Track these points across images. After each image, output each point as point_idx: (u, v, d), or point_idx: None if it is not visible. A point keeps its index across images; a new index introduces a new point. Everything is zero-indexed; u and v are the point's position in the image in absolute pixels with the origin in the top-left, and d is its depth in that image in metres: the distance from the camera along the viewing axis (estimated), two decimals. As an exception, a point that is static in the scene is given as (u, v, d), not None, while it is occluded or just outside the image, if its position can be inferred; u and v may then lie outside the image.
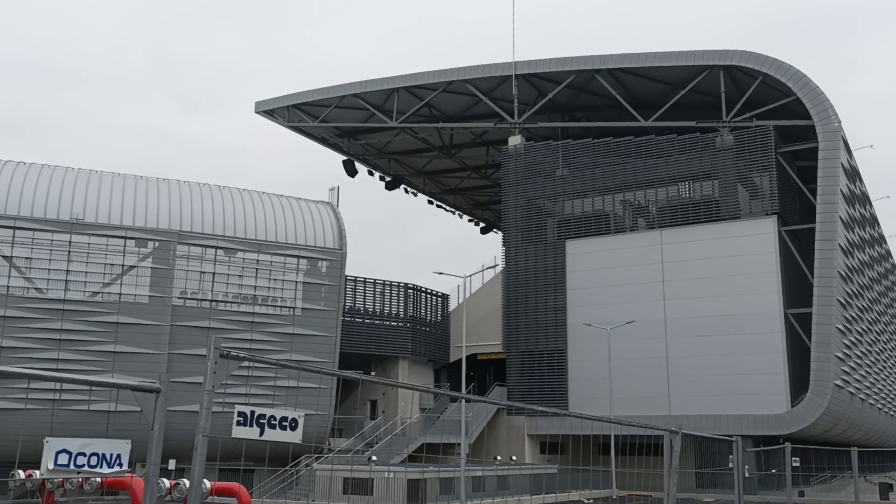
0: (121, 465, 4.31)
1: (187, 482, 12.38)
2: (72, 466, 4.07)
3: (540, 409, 8.34)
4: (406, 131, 50.37)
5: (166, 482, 11.80)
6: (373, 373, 45.20)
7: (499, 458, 38.43)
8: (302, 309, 37.89)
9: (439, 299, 49.85)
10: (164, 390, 4.43)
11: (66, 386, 30.88)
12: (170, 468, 31.64)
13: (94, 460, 4.16)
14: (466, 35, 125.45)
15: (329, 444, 39.09)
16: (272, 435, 4.94)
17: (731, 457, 17.10)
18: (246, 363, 5.28)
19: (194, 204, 37.24)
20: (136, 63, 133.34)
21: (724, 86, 40.04)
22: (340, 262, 39.15)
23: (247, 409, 4.87)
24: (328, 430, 38.70)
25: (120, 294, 34.73)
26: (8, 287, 33.11)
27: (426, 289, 48.87)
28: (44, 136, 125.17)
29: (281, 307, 37.76)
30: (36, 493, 14.31)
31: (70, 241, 34.09)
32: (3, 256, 33.24)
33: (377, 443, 40.76)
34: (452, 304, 50.19)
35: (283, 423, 5.02)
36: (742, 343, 37.95)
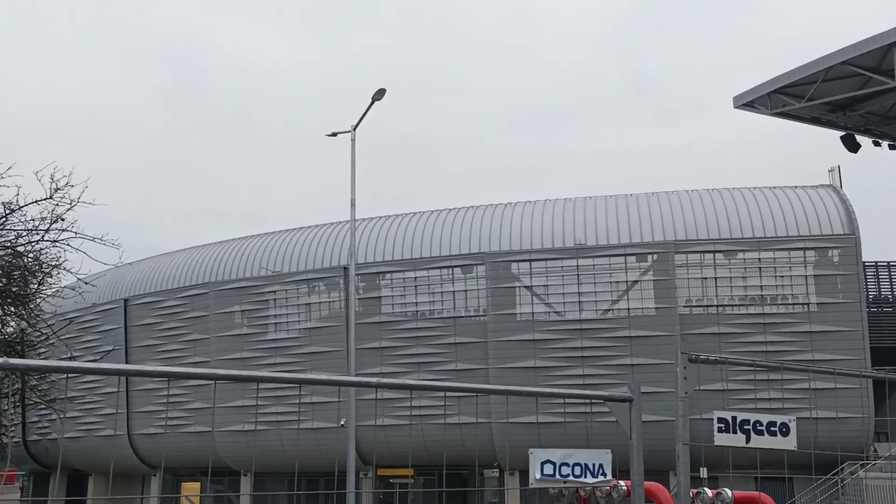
0: (604, 474, 4.42)
1: (709, 491, 12.26)
2: (557, 476, 4.30)
3: None
4: (914, 87, 43.60)
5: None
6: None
7: None
8: (817, 304, 35.03)
9: None
10: (636, 399, 4.43)
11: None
12: (701, 476, 31.67)
13: (577, 470, 4.34)
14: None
15: (874, 449, 35.11)
16: (760, 442, 4.57)
17: None
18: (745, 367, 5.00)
19: (685, 211, 37.33)
20: (614, 90, 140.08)
21: None
22: (854, 248, 35.28)
23: (728, 415, 4.59)
24: (870, 434, 34.82)
25: (628, 309, 36.34)
26: (533, 313, 37.18)
27: (973, 263, 41.13)
28: (542, 174, 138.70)
29: (793, 304, 35.43)
30: (573, 501, 15.64)
31: (577, 265, 36.91)
32: (525, 287, 37.45)
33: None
34: None
35: (772, 429, 4.61)
36: None
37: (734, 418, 4.63)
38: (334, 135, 23.00)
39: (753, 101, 52.51)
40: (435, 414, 36.66)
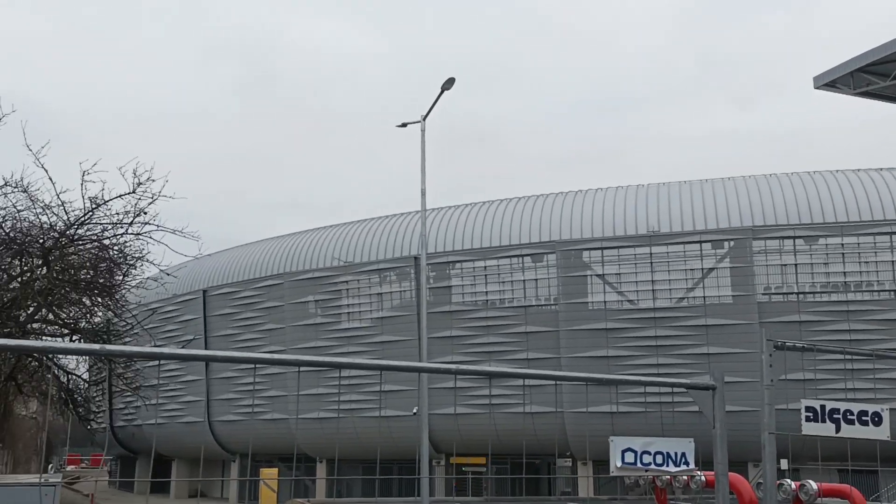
0: (687, 463, 4.32)
1: (792, 483, 11.91)
2: (638, 465, 4.23)
3: None
4: None
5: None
6: None
7: None
8: (905, 291, 33.61)
9: None
10: (719, 388, 4.32)
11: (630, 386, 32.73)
12: (782, 467, 30.88)
13: (659, 458, 4.26)
14: None
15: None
16: (851, 432, 4.40)
17: None
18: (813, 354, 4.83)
19: (763, 196, 36.28)
20: (688, 72, 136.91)
21: None
22: (945, 232, 33.72)
23: (816, 404, 4.43)
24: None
25: (704, 297, 35.56)
26: (605, 302, 36.76)
27: None
28: (613, 160, 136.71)
29: (878, 291, 34.09)
30: (649, 490, 15.43)
31: (650, 253, 36.29)
32: (597, 275, 37.04)
33: None
34: None
35: (864, 418, 4.44)
36: None
37: (823, 407, 4.47)
38: (404, 125, 23.11)
39: (835, 81, 50.58)
40: (508, 403, 36.67)
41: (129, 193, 17.38)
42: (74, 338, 19.85)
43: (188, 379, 49.04)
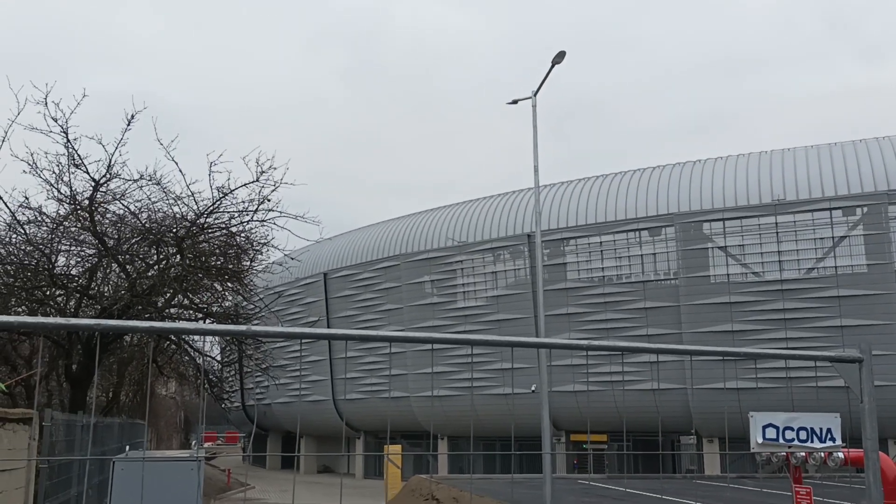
0: (833, 439, 4.13)
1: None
2: (780, 440, 4.09)
3: None
4: None
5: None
6: None
7: None
8: None
9: None
10: (867, 360, 4.10)
11: (767, 363, 31.41)
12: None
13: (802, 434, 4.09)
14: None
15: None
16: None
17: None
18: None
19: (899, 159, 34.01)
20: (809, 28, 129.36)
21: None
22: None
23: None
24: None
25: (835, 267, 33.81)
26: (728, 275, 35.50)
27: None
28: (731, 127, 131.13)
29: None
30: (783, 468, 14.89)
31: (776, 223, 34.75)
32: (719, 247, 35.81)
33: None
34: None
35: None
36: None
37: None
38: (515, 102, 22.91)
39: (980, 30, 46.38)
40: (629, 380, 36.14)
41: (252, 182, 18.02)
42: (208, 321, 20.87)
43: (312, 359, 50.84)
